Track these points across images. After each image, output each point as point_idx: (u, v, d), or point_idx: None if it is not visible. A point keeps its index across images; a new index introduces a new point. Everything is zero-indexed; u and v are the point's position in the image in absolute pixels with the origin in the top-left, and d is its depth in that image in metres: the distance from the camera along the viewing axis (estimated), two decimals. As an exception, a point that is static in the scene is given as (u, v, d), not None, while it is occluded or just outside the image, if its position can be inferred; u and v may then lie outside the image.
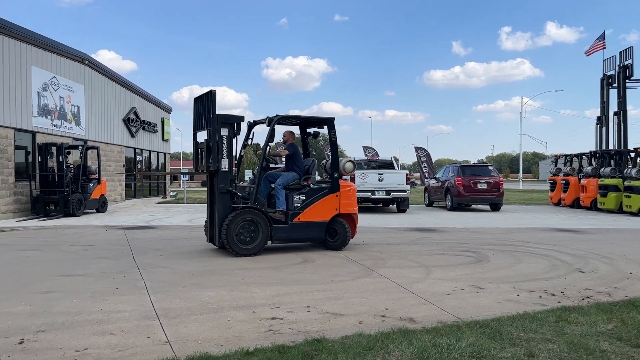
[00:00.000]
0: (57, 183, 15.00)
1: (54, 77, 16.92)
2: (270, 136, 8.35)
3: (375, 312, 4.75)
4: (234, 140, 8.05)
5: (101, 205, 16.88)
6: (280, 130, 8.93)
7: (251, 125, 8.99)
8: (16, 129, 14.92)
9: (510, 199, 24.49)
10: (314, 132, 9.31)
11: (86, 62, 19.19)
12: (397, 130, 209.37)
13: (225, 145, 7.90)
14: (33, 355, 3.60)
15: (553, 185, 21.19)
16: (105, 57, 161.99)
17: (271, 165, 9.08)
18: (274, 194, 8.53)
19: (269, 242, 8.19)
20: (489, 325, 4.28)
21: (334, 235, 8.69)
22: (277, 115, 8.53)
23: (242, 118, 8.21)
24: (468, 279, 6.25)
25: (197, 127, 8.47)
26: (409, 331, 4.13)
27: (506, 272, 6.78)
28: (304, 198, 8.46)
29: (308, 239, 8.74)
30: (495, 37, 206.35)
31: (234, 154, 8.06)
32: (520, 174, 50.27)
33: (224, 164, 7.91)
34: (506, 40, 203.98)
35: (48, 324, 4.33)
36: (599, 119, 23.09)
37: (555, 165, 21.96)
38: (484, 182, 17.92)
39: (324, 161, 9.52)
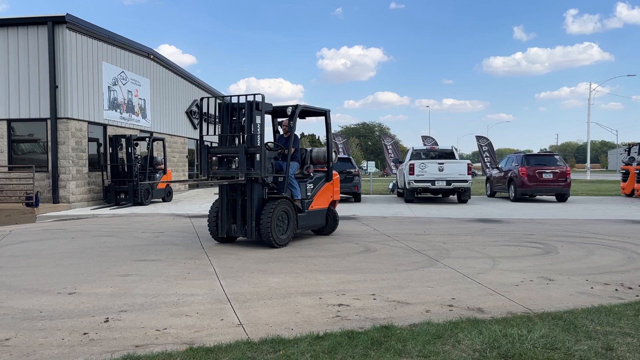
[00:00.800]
0: (126, 173, 15.78)
1: (123, 71, 17.72)
2: (293, 127, 8.38)
3: (442, 302, 4.73)
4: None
5: (167, 195, 17.59)
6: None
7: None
8: (89, 122, 15.79)
9: (577, 190, 23.45)
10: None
11: (152, 56, 19.95)
12: (456, 119, 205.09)
13: (258, 134, 7.65)
14: (118, 333, 3.85)
15: (625, 175, 20.07)
16: (167, 51, 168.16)
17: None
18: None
19: None
20: (562, 317, 4.16)
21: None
22: (297, 106, 8.31)
23: (270, 106, 7.98)
24: (537, 271, 6.08)
25: (204, 130, 7.90)
26: (478, 321, 4.08)
27: (577, 264, 6.54)
28: (312, 187, 8.63)
29: (315, 226, 8.87)
30: (560, 20, 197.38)
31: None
32: (588, 164, 47.82)
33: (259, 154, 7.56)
34: (572, 23, 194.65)
35: (129, 304, 4.61)
36: (677, 104, 21.62)
37: (628, 154, 20.74)
38: (549, 172, 17.25)
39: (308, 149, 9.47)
